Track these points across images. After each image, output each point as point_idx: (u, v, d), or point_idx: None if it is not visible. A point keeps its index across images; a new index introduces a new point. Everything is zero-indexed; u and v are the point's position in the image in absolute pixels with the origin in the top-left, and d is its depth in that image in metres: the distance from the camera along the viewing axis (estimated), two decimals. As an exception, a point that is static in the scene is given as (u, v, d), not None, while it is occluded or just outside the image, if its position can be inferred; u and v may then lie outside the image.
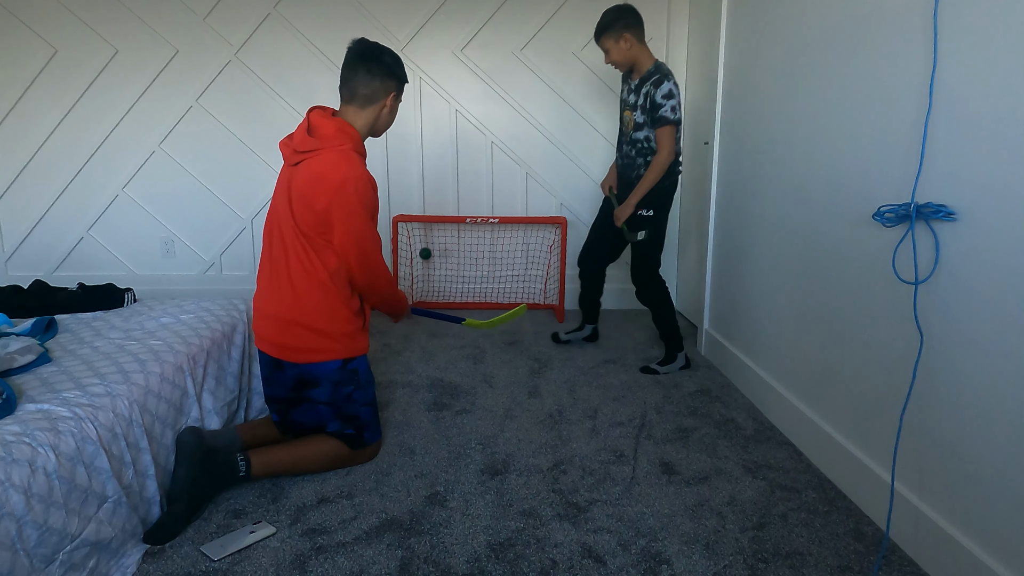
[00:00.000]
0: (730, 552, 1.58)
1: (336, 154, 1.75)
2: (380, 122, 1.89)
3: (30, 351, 1.65)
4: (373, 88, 1.82)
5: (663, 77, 2.56)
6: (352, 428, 1.92)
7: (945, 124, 1.44)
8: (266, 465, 1.80)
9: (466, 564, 1.53)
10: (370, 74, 1.81)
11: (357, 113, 1.84)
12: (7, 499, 1.18)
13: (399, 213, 3.80)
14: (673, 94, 2.54)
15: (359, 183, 1.74)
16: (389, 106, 1.87)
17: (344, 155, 1.75)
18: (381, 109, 1.86)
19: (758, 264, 2.49)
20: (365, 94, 1.82)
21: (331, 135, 1.76)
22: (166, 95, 3.67)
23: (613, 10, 2.66)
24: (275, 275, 1.84)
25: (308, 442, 1.90)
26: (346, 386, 1.90)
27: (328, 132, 1.77)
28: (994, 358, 1.33)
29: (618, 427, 2.27)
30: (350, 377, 1.90)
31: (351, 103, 1.84)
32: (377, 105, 1.85)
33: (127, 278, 3.82)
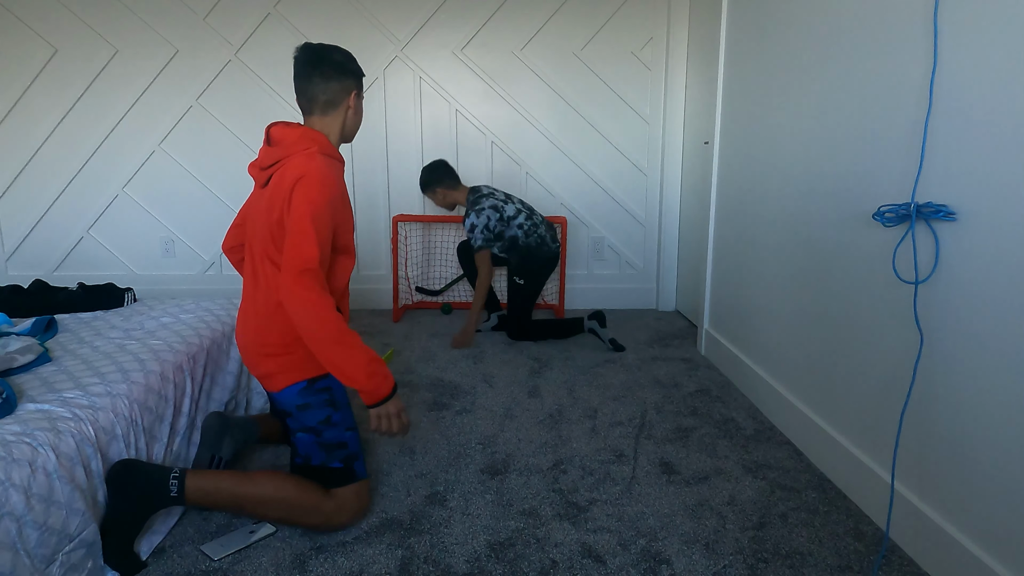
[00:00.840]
0: (730, 552, 1.58)
1: (301, 157, 1.56)
2: (348, 125, 1.73)
3: (30, 351, 1.65)
4: (331, 91, 1.66)
5: (467, 212, 3.13)
6: (339, 461, 1.64)
7: (945, 124, 1.44)
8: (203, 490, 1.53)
9: (466, 564, 1.53)
10: (324, 77, 1.65)
11: (322, 120, 1.68)
12: (7, 499, 1.18)
13: (399, 213, 3.80)
14: (475, 225, 3.08)
15: (310, 179, 1.52)
16: (353, 106, 1.70)
17: (308, 156, 1.57)
18: (346, 112, 1.70)
19: (758, 264, 2.49)
20: (325, 100, 1.66)
21: (294, 140, 1.60)
22: (166, 95, 3.67)
23: (425, 170, 3.25)
24: (244, 304, 1.69)
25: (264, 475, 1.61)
26: (320, 409, 1.63)
27: (291, 138, 1.61)
28: (994, 358, 1.33)
29: (618, 427, 2.27)
30: (322, 398, 1.64)
31: (312, 113, 1.68)
32: (340, 109, 1.68)
33: (127, 278, 3.82)
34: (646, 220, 3.87)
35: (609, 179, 3.82)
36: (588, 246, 3.89)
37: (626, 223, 3.88)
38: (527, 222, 3.14)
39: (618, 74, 3.69)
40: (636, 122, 3.75)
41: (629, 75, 3.69)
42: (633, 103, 3.72)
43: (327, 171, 1.55)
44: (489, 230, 3.10)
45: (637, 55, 3.66)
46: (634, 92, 3.71)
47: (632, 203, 3.85)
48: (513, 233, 3.14)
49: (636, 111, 3.73)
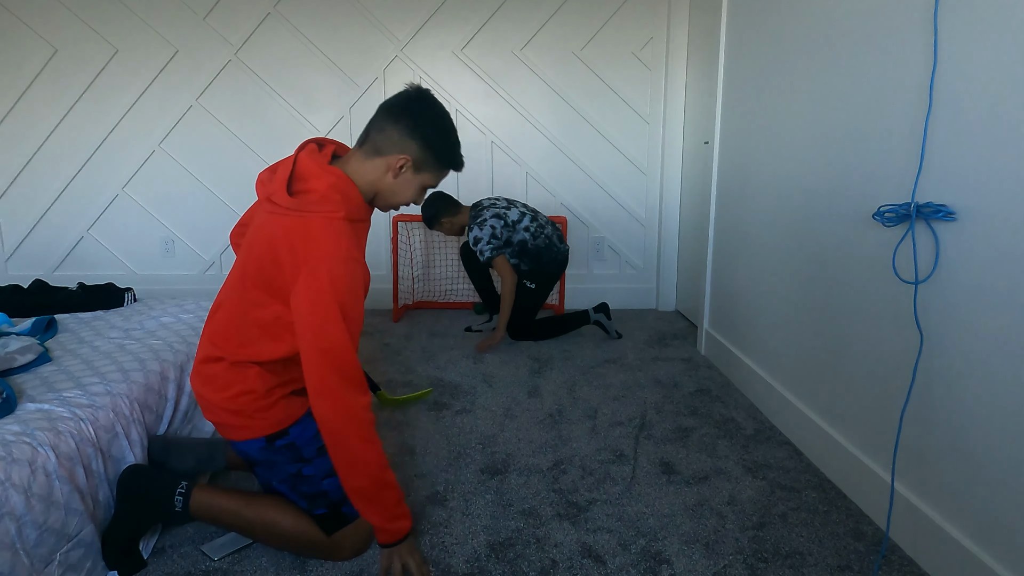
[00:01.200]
0: (730, 552, 1.58)
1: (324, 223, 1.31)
2: (383, 188, 1.43)
3: (30, 351, 1.65)
4: (385, 136, 1.39)
5: (470, 227, 3.12)
6: (324, 507, 1.48)
7: (945, 124, 1.44)
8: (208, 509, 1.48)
9: (466, 564, 1.53)
10: (390, 119, 1.39)
11: (363, 163, 1.40)
12: (7, 499, 1.18)
13: (398, 213, 3.80)
14: (479, 238, 3.06)
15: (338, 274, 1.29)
16: (396, 171, 1.40)
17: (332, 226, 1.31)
18: (388, 169, 1.40)
19: (758, 264, 2.49)
20: (376, 140, 1.40)
21: (321, 195, 1.32)
22: (166, 95, 3.67)
23: (424, 208, 3.21)
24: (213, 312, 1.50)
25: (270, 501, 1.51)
26: (286, 465, 1.47)
27: (318, 189, 1.33)
28: (994, 358, 1.33)
29: (618, 427, 2.27)
30: (285, 455, 1.46)
31: (362, 147, 1.42)
32: (383, 160, 1.39)
33: (127, 278, 3.82)
34: (646, 220, 3.87)
35: (609, 179, 3.81)
36: (588, 246, 3.89)
37: (626, 223, 3.88)
38: (532, 224, 3.13)
39: (618, 74, 3.69)
40: (636, 122, 3.75)
41: (629, 75, 3.69)
42: (633, 103, 3.72)
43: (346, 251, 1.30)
44: (497, 238, 3.06)
45: (637, 55, 3.66)
46: (634, 92, 3.71)
47: (632, 203, 3.85)
48: (521, 237, 3.12)
49: (636, 111, 3.73)
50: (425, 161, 1.42)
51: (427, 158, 1.42)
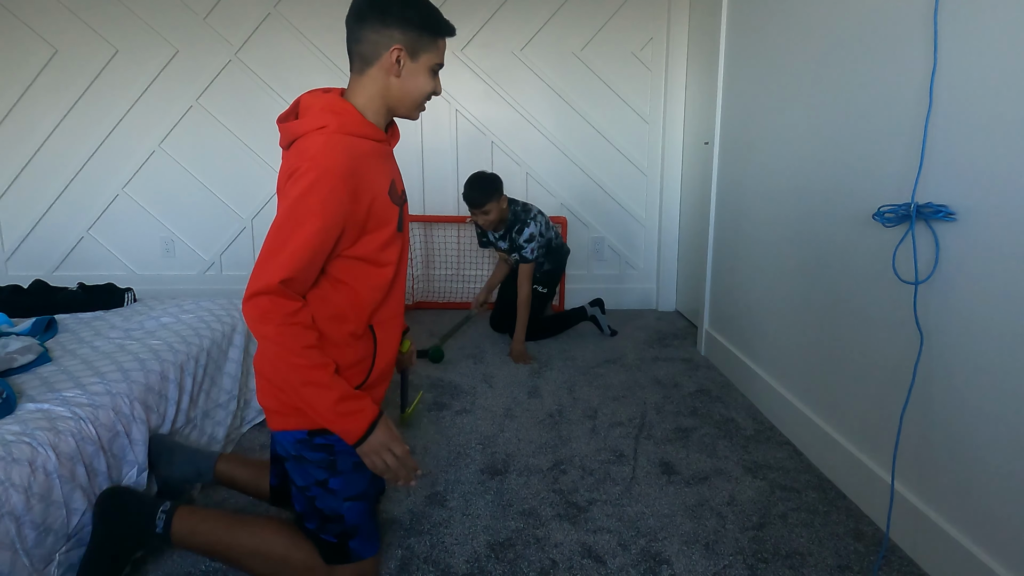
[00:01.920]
0: (730, 552, 1.58)
1: (313, 139, 1.21)
2: (394, 93, 1.28)
3: (30, 351, 1.65)
4: (366, 41, 1.24)
5: (519, 221, 2.98)
6: (333, 535, 1.33)
7: (945, 124, 1.44)
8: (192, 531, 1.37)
9: (466, 564, 1.53)
10: (360, 20, 1.24)
11: (357, 82, 1.28)
12: (7, 498, 1.18)
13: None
14: (533, 235, 2.97)
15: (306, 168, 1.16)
16: (395, 68, 1.25)
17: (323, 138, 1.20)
18: (387, 72, 1.26)
19: (758, 264, 2.49)
20: (360, 52, 1.26)
21: (314, 114, 1.24)
22: (166, 95, 3.67)
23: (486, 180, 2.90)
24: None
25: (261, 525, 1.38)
26: (315, 468, 1.31)
27: (313, 110, 1.25)
28: (994, 358, 1.33)
29: (618, 427, 2.27)
30: (319, 455, 1.31)
31: (352, 69, 1.30)
32: (378, 66, 1.25)
33: (127, 278, 3.82)
34: (646, 220, 3.87)
35: (609, 179, 3.81)
36: (588, 246, 3.89)
37: (626, 223, 3.88)
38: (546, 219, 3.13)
39: (618, 74, 3.69)
40: (636, 122, 3.75)
41: (629, 75, 3.69)
42: (633, 103, 3.72)
43: (336, 157, 1.17)
44: (543, 236, 3.02)
45: (637, 55, 3.66)
46: (634, 92, 3.71)
47: (632, 203, 3.85)
48: (550, 235, 3.12)
49: (636, 111, 3.73)
50: (417, 41, 1.26)
51: (417, 37, 1.25)
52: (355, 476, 1.33)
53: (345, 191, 1.17)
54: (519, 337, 3.00)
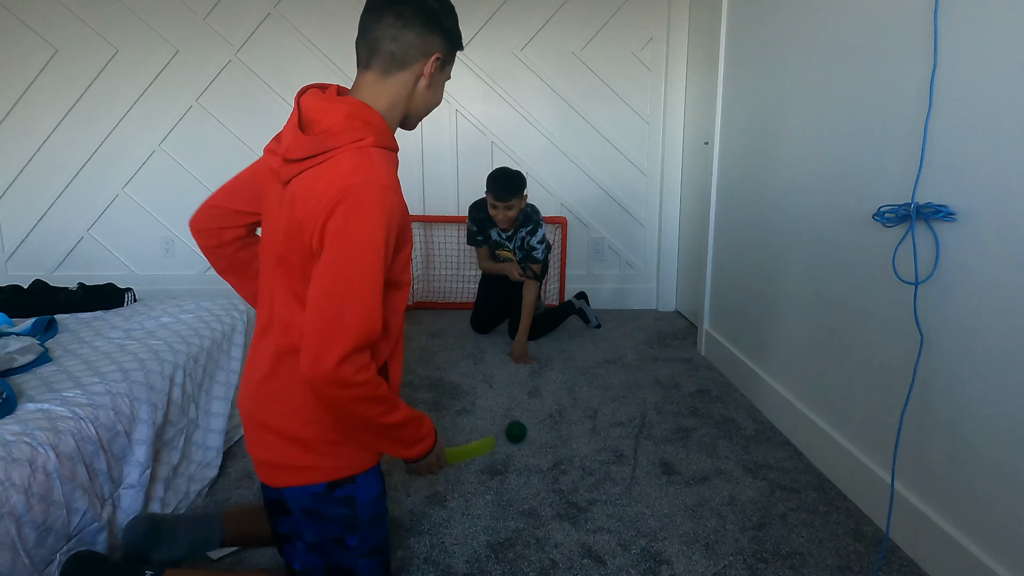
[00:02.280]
0: (730, 552, 1.58)
1: (352, 155, 1.04)
2: (416, 102, 1.18)
3: (30, 351, 1.65)
4: (405, 43, 1.12)
5: (534, 222, 3.02)
6: None
7: (945, 124, 1.44)
8: None
9: (466, 564, 1.53)
10: (401, 20, 1.11)
11: (379, 84, 1.13)
12: (7, 499, 1.18)
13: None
14: (545, 236, 3.05)
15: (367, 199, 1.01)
16: (428, 77, 1.15)
17: (363, 155, 1.05)
18: (417, 79, 1.15)
19: (758, 264, 2.49)
20: (392, 52, 1.11)
21: (339, 127, 1.07)
22: (166, 95, 3.67)
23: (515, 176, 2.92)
24: (255, 341, 1.21)
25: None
26: (332, 524, 1.19)
27: (334, 123, 1.07)
28: (994, 358, 1.33)
29: (618, 427, 2.27)
30: (339, 511, 1.18)
31: (370, 67, 1.13)
32: (410, 71, 1.14)
33: (127, 278, 3.82)
34: (646, 220, 3.87)
35: (609, 179, 3.81)
36: (588, 246, 3.89)
37: (626, 223, 3.88)
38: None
39: (618, 74, 3.69)
40: (636, 122, 3.75)
41: (629, 75, 3.68)
42: (633, 103, 3.72)
43: (388, 180, 1.04)
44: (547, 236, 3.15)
45: (637, 55, 3.66)
46: (634, 92, 3.71)
47: (632, 203, 3.85)
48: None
49: (636, 111, 3.73)
50: (449, 52, 1.20)
51: (449, 48, 1.20)
52: (373, 530, 1.22)
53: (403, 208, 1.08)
54: (521, 339, 2.99)
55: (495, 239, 3.14)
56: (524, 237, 3.03)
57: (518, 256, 3.07)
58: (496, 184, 2.89)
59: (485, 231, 3.14)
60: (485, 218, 3.08)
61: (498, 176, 2.90)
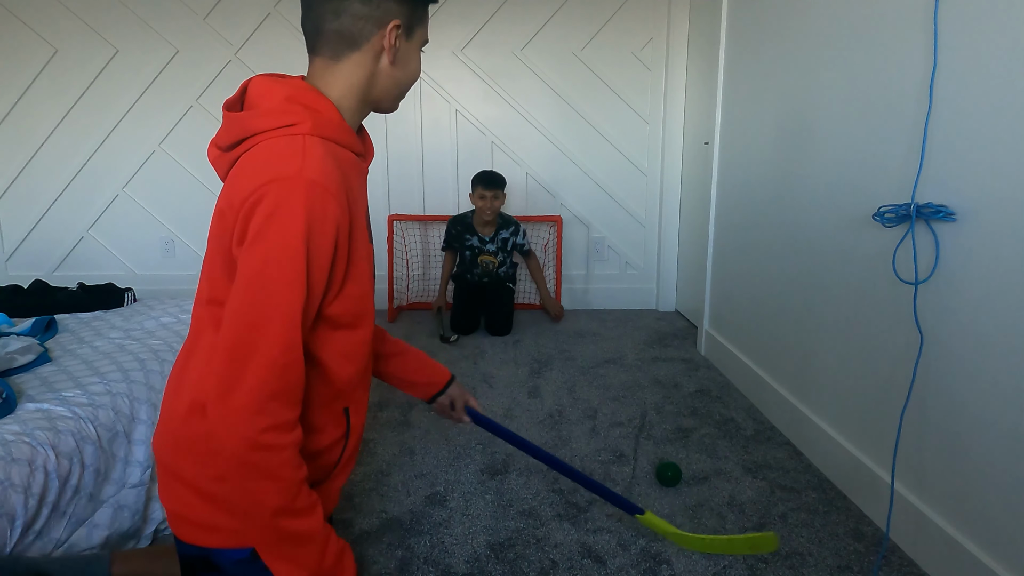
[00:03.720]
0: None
1: (280, 142, 0.84)
2: (381, 82, 0.94)
3: (30, 351, 1.65)
4: (352, 16, 0.89)
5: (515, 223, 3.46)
6: None
7: (945, 124, 1.44)
8: None
9: (466, 564, 1.53)
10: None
11: (328, 70, 0.92)
12: (7, 499, 1.18)
13: (394, 213, 3.80)
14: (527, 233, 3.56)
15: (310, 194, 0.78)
16: (390, 51, 0.91)
17: (293, 143, 0.83)
18: (377, 57, 0.91)
19: (758, 264, 2.49)
20: (337, 30, 0.90)
21: (275, 107, 0.88)
22: (166, 95, 3.67)
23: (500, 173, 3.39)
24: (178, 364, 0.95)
25: None
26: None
27: (269, 105, 0.88)
28: (994, 358, 1.33)
29: (618, 427, 2.27)
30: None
31: (317, 51, 0.93)
32: (365, 50, 0.91)
33: (127, 278, 3.82)
34: (646, 220, 3.87)
35: (609, 179, 3.81)
36: (588, 246, 3.89)
37: (626, 223, 3.88)
38: None
39: (618, 74, 3.69)
40: (636, 122, 3.75)
41: (629, 75, 3.68)
42: (633, 103, 3.72)
43: (320, 176, 0.80)
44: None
45: (637, 55, 3.66)
46: (634, 92, 3.71)
47: (632, 203, 3.85)
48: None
49: (636, 111, 3.73)
50: (412, 14, 0.93)
51: (413, 8, 0.93)
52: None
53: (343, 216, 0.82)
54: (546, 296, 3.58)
55: (476, 246, 3.41)
56: (507, 238, 3.42)
57: (500, 257, 3.43)
58: (488, 174, 3.34)
59: (461, 242, 3.43)
60: (463, 231, 3.41)
61: (487, 172, 3.36)
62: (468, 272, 3.48)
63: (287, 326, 0.78)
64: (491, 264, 3.42)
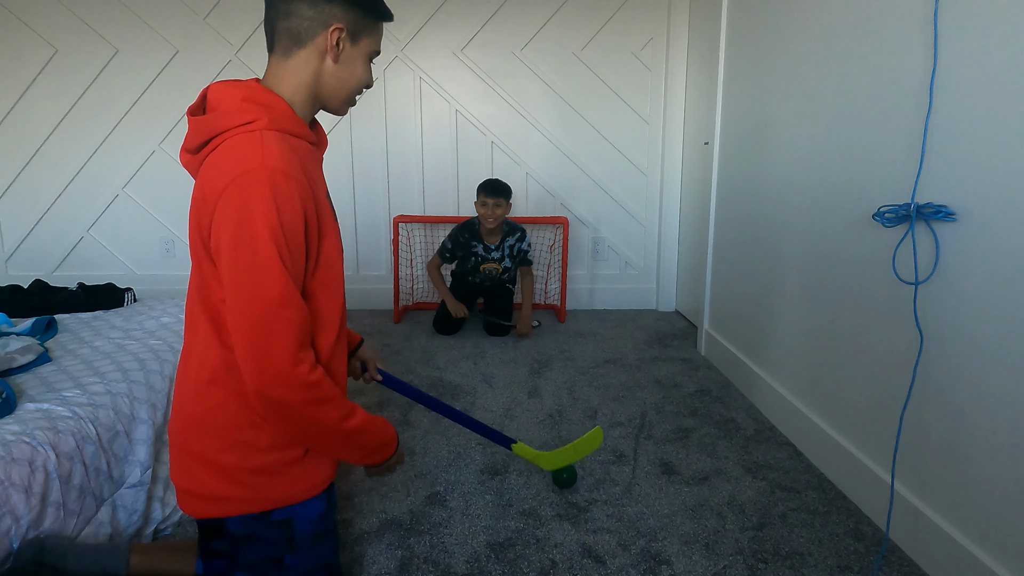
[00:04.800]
0: (730, 552, 1.58)
1: (241, 139, 0.99)
2: (326, 81, 1.09)
3: (30, 351, 1.65)
4: (296, 19, 1.04)
5: (520, 231, 3.41)
6: None
7: (945, 124, 1.44)
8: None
9: (466, 564, 1.53)
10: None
11: (280, 66, 1.07)
12: (7, 498, 1.18)
13: (400, 214, 3.80)
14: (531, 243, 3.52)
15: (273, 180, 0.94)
16: (332, 51, 1.07)
17: (252, 139, 0.98)
18: (321, 56, 1.07)
19: (758, 264, 2.49)
20: (287, 29, 1.05)
21: (232, 107, 1.02)
22: (166, 95, 3.67)
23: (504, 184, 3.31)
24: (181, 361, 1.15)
25: None
26: (268, 545, 1.13)
27: (228, 106, 1.02)
28: (994, 358, 1.33)
29: (618, 427, 2.27)
30: (276, 532, 1.12)
31: (273, 50, 1.09)
32: (310, 48, 1.06)
33: (127, 278, 3.82)
34: (646, 220, 3.87)
35: (609, 179, 3.81)
36: (588, 246, 3.89)
37: (626, 223, 3.88)
38: None
39: (618, 74, 3.69)
40: (636, 122, 3.75)
41: (629, 75, 3.68)
42: (633, 103, 3.72)
43: (280, 163, 0.96)
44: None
45: (637, 55, 3.66)
46: (634, 92, 3.71)
47: (632, 203, 3.85)
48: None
49: (636, 111, 3.73)
50: (358, 22, 1.08)
51: (360, 17, 1.08)
52: (316, 549, 1.16)
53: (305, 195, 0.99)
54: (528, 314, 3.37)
55: (481, 254, 3.37)
56: (513, 245, 3.37)
57: (506, 264, 3.38)
58: (491, 184, 3.26)
59: (467, 249, 3.37)
60: (469, 238, 3.34)
61: (492, 180, 3.29)
62: (470, 275, 3.47)
63: (284, 288, 0.95)
64: (495, 271, 3.42)
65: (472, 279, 3.47)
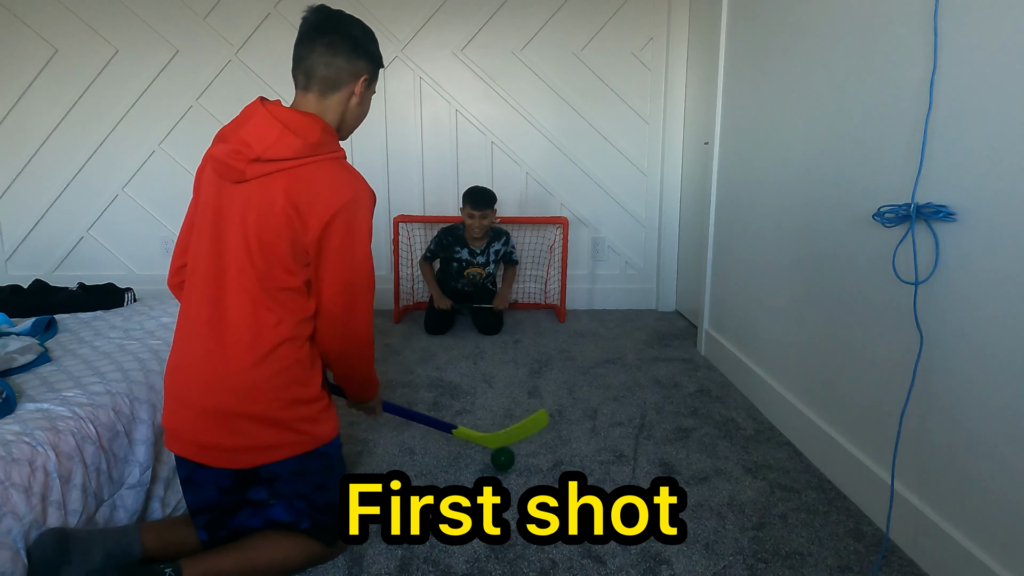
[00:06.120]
0: (730, 552, 1.58)
1: (336, 164, 1.34)
2: (348, 118, 1.44)
3: (30, 351, 1.65)
4: (337, 68, 1.37)
5: (504, 236, 3.50)
6: (331, 519, 1.47)
7: (945, 124, 1.44)
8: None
9: (466, 564, 1.53)
10: (331, 50, 1.35)
11: (321, 104, 1.38)
12: (8, 498, 1.18)
13: (400, 214, 3.80)
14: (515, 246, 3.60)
15: (370, 205, 1.37)
16: (359, 96, 1.42)
17: (344, 166, 1.36)
18: (349, 98, 1.40)
19: (758, 264, 2.49)
20: (326, 76, 1.36)
21: (318, 138, 1.32)
22: (166, 95, 3.67)
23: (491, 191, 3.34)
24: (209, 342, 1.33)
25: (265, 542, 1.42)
26: (316, 475, 1.45)
27: (314, 134, 1.32)
28: (994, 358, 1.33)
29: (618, 427, 2.27)
30: (321, 463, 1.46)
31: (310, 90, 1.38)
32: (343, 92, 1.39)
33: (127, 278, 3.82)
34: (646, 220, 3.87)
35: (609, 179, 3.81)
36: (588, 246, 3.89)
37: (626, 223, 3.88)
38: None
39: (618, 74, 3.69)
40: (636, 122, 3.75)
41: (629, 75, 3.68)
42: (633, 103, 3.72)
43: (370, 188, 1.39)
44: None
45: (637, 55, 3.66)
46: (634, 92, 3.71)
47: (632, 203, 3.85)
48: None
49: (636, 111, 3.73)
50: (373, 72, 1.46)
51: (375, 69, 1.46)
52: (341, 468, 1.53)
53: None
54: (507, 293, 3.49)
55: (466, 259, 3.41)
56: (499, 249, 3.46)
57: (491, 268, 3.46)
58: (476, 194, 3.28)
59: (450, 252, 3.41)
60: (453, 242, 3.39)
61: (477, 189, 3.32)
62: (453, 280, 3.51)
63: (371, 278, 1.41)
64: (478, 276, 3.47)
65: (455, 284, 3.51)
